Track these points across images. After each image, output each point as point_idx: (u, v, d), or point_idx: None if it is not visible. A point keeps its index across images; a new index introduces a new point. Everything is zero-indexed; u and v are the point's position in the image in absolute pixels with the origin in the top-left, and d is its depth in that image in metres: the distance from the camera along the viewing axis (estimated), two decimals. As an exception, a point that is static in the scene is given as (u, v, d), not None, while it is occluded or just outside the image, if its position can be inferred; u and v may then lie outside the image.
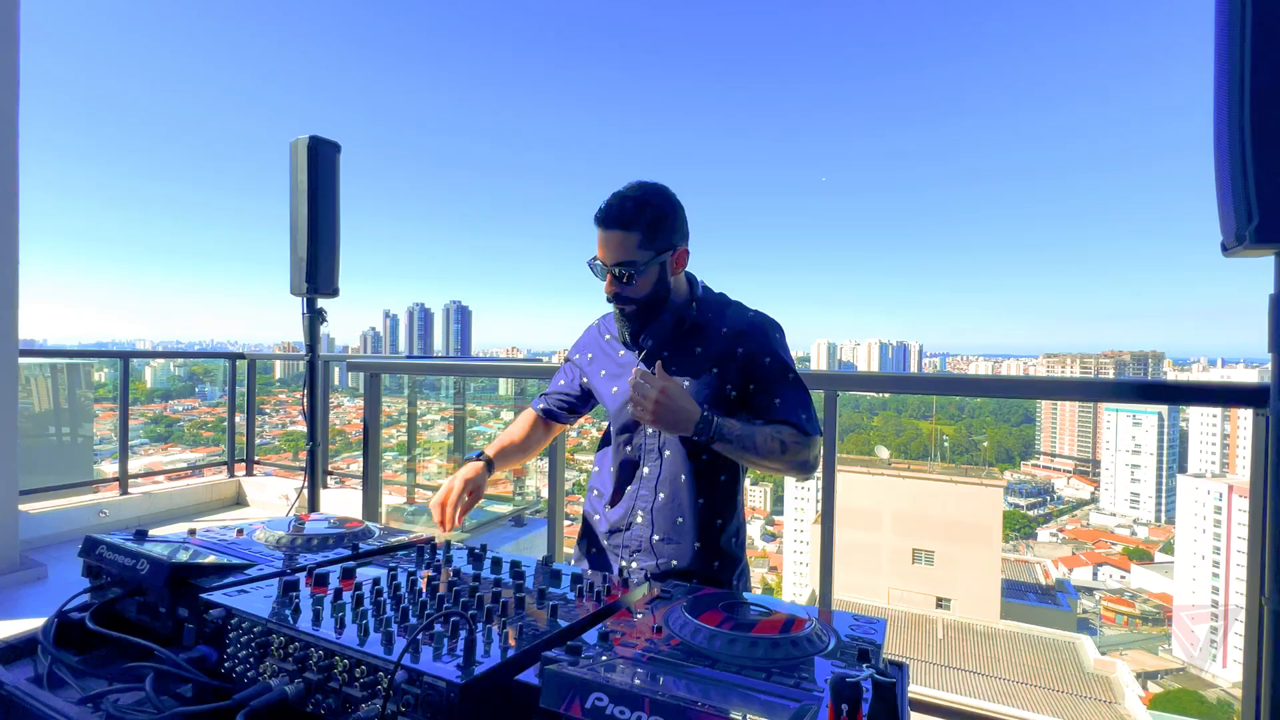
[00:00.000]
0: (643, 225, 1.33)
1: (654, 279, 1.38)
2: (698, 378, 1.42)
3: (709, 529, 1.43)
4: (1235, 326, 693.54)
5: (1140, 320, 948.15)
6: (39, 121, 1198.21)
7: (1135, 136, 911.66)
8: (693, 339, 1.45)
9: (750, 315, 1.47)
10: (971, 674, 10.61)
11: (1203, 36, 1.70)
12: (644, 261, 1.35)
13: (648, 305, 1.40)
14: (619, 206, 1.33)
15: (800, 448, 1.34)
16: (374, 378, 3.50)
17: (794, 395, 1.39)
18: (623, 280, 1.36)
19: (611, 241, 1.34)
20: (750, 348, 1.41)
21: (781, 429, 1.35)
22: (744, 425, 1.31)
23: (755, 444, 1.30)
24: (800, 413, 1.38)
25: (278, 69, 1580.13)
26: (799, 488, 33.48)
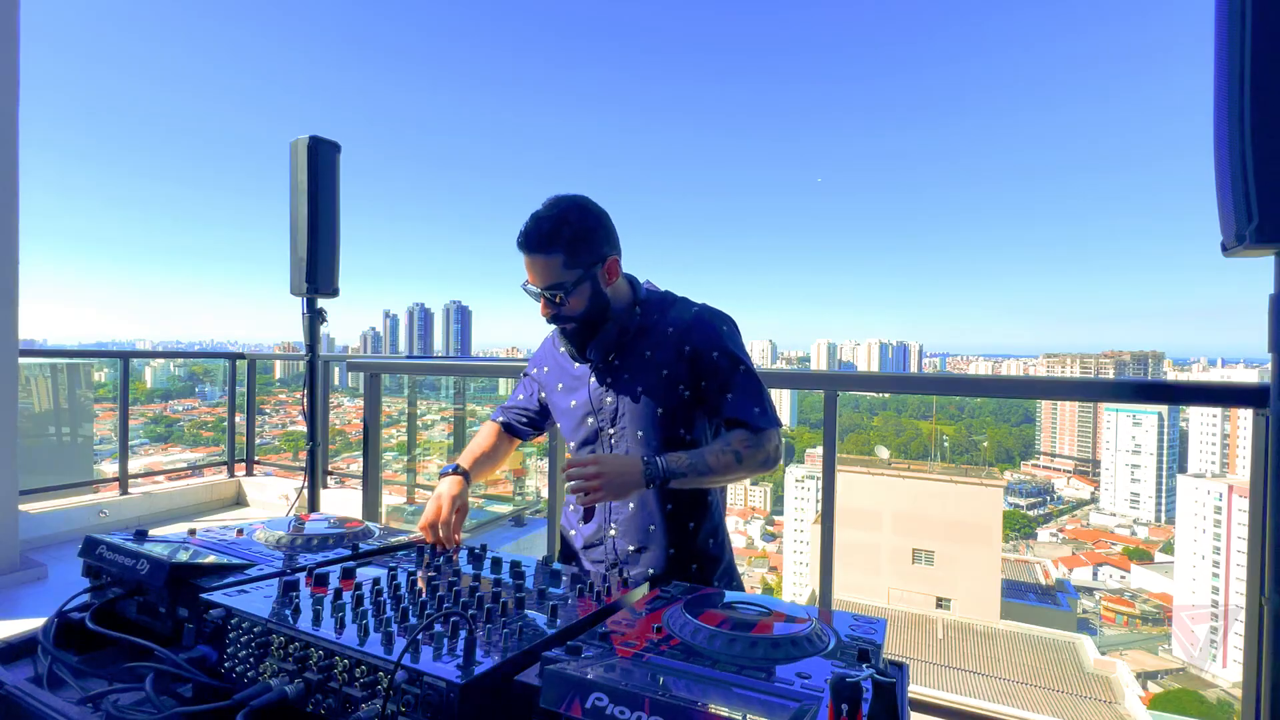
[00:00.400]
0: (564, 245, 1.30)
1: (588, 295, 1.36)
2: (650, 381, 1.40)
3: (682, 533, 1.42)
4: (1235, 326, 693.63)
5: (1140, 320, 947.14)
6: (39, 121, 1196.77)
7: (1135, 136, 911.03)
8: (640, 342, 1.43)
9: (695, 310, 1.44)
10: (971, 674, 10.61)
11: (1203, 36, 1.70)
12: (573, 281, 1.32)
13: (588, 321, 1.38)
14: (536, 230, 1.31)
15: (755, 450, 1.32)
16: (374, 378, 3.50)
17: (746, 389, 1.37)
18: (556, 302, 1.34)
19: (536, 266, 1.32)
20: (697, 344, 1.39)
21: (731, 437, 1.33)
22: (690, 454, 1.29)
23: (708, 466, 1.28)
24: (753, 406, 1.36)
25: (278, 69, 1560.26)
26: (799, 487, 33.48)
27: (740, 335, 1.46)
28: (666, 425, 1.40)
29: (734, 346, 1.40)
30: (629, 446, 1.42)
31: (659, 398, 1.39)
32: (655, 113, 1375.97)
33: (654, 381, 1.40)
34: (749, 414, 1.35)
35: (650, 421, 1.40)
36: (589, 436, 1.48)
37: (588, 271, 1.34)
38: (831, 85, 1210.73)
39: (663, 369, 1.40)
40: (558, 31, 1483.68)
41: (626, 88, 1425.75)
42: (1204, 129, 1.70)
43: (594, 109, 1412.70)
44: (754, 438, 1.34)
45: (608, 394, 1.45)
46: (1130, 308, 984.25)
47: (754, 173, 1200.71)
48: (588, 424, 1.48)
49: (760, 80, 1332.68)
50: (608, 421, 1.45)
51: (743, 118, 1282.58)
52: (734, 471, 1.31)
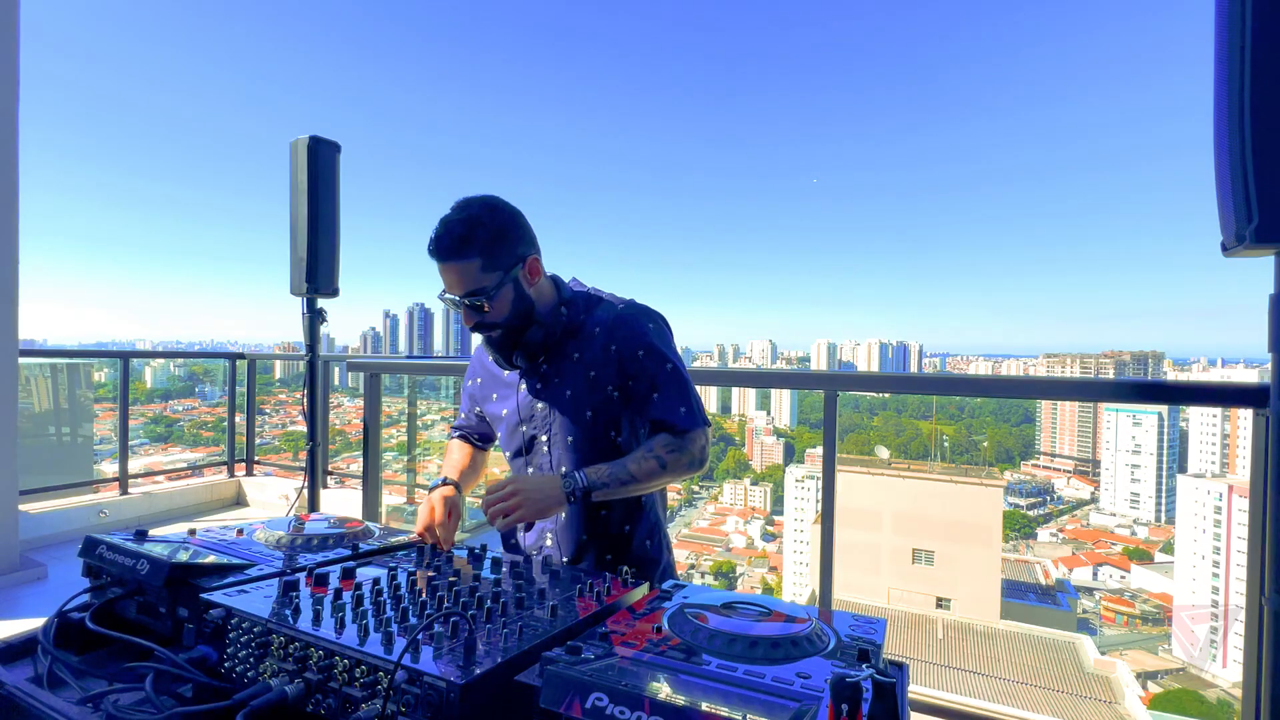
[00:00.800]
0: (479, 248, 1.24)
1: (510, 298, 1.30)
2: (577, 383, 1.36)
3: (617, 538, 1.40)
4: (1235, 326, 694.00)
5: (1140, 320, 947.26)
6: (39, 121, 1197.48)
7: (1135, 136, 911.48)
8: (568, 344, 1.39)
9: (620, 309, 1.40)
10: (971, 674, 10.61)
11: (1203, 36, 1.70)
12: (493, 285, 1.27)
13: (513, 326, 1.33)
14: (448, 235, 1.24)
15: (679, 454, 1.29)
16: (374, 378, 3.50)
17: (672, 388, 1.33)
18: (478, 309, 1.29)
19: (453, 273, 1.26)
20: (622, 342, 1.35)
21: (654, 442, 1.30)
22: (612, 465, 1.27)
23: (631, 475, 1.26)
24: (679, 406, 1.32)
25: (278, 69, 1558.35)
26: (799, 487, 33.47)
27: (669, 332, 1.42)
28: (596, 428, 1.37)
29: (660, 344, 1.36)
30: (560, 453, 1.38)
31: (587, 400, 1.35)
32: (655, 116, 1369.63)
33: (582, 383, 1.36)
34: (674, 414, 1.32)
35: (579, 426, 1.37)
36: (522, 446, 1.44)
37: (508, 273, 1.29)
38: (832, 87, 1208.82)
39: (590, 370, 1.35)
40: (558, 33, 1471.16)
41: (627, 91, 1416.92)
42: (1204, 129, 1.70)
43: (594, 111, 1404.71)
44: (678, 440, 1.31)
45: (538, 400, 1.41)
46: (1130, 308, 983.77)
47: (754, 175, 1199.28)
48: (520, 433, 1.44)
49: (760, 83, 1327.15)
50: (539, 429, 1.41)
51: (742, 122, 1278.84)
52: (658, 478, 1.28)
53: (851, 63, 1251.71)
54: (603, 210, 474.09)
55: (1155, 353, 60.21)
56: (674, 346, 1.39)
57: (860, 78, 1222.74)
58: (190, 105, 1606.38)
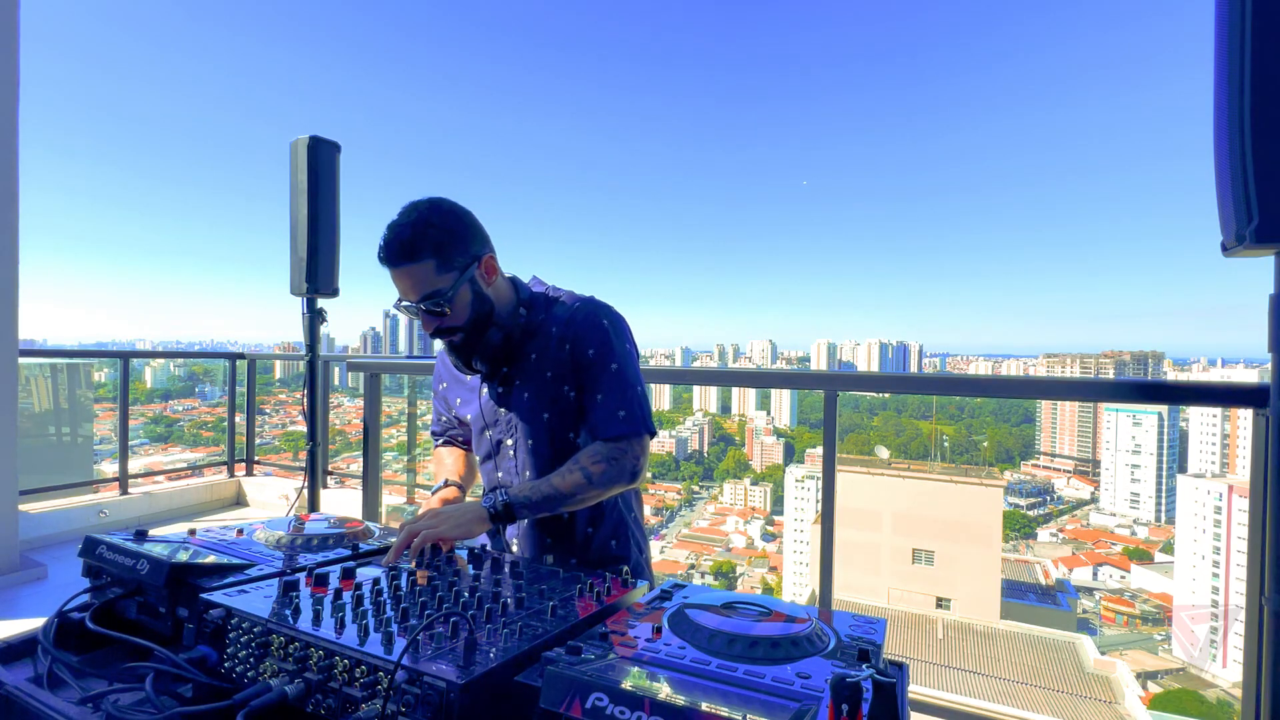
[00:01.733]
0: (431, 249, 1.20)
1: (469, 299, 1.26)
2: (536, 385, 1.33)
3: (583, 541, 1.38)
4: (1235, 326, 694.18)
5: (1140, 320, 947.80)
6: (39, 121, 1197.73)
7: (1135, 137, 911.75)
8: (528, 345, 1.36)
9: (575, 307, 1.35)
10: (971, 674, 10.61)
11: (1203, 37, 1.70)
12: (449, 286, 1.22)
13: (474, 328, 1.29)
14: (397, 239, 1.20)
15: (608, 465, 1.24)
16: (374, 378, 3.50)
17: (614, 391, 1.28)
18: (437, 313, 1.25)
19: (407, 278, 1.22)
20: (575, 340, 1.31)
21: (582, 454, 1.27)
22: (537, 482, 1.25)
23: (556, 490, 1.22)
24: (618, 409, 1.27)
25: (278, 70, 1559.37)
26: (799, 487, 33.46)
27: (625, 330, 1.36)
28: (555, 430, 1.34)
29: (612, 342, 1.31)
30: (524, 458, 1.36)
31: (546, 402, 1.32)
32: (656, 118, 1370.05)
33: (541, 385, 1.33)
34: (611, 419, 1.27)
35: (539, 429, 1.34)
36: (489, 450, 1.42)
37: (464, 273, 1.24)
38: (833, 88, 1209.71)
39: (548, 371, 1.33)
40: (559, 34, 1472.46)
41: (627, 93, 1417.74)
42: (1204, 129, 1.71)
43: (594, 113, 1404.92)
44: (608, 450, 1.26)
45: (500, 404, 1.38)
46: (1130, 308, 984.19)
47: (754, 177, 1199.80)
48: (486, 437, 1.42)
49: (761, 84, 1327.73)
50: (504, 433, 1.39)
51: (743, 122, 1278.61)
52: (585, 492, 1.24)
53: (852, 64, 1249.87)
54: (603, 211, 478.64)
55: (1155, 353, 60.20)
56: (626, 346, 1.34)
57: (861, 78, 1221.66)
58: (190, 105, 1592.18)
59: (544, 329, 1.35)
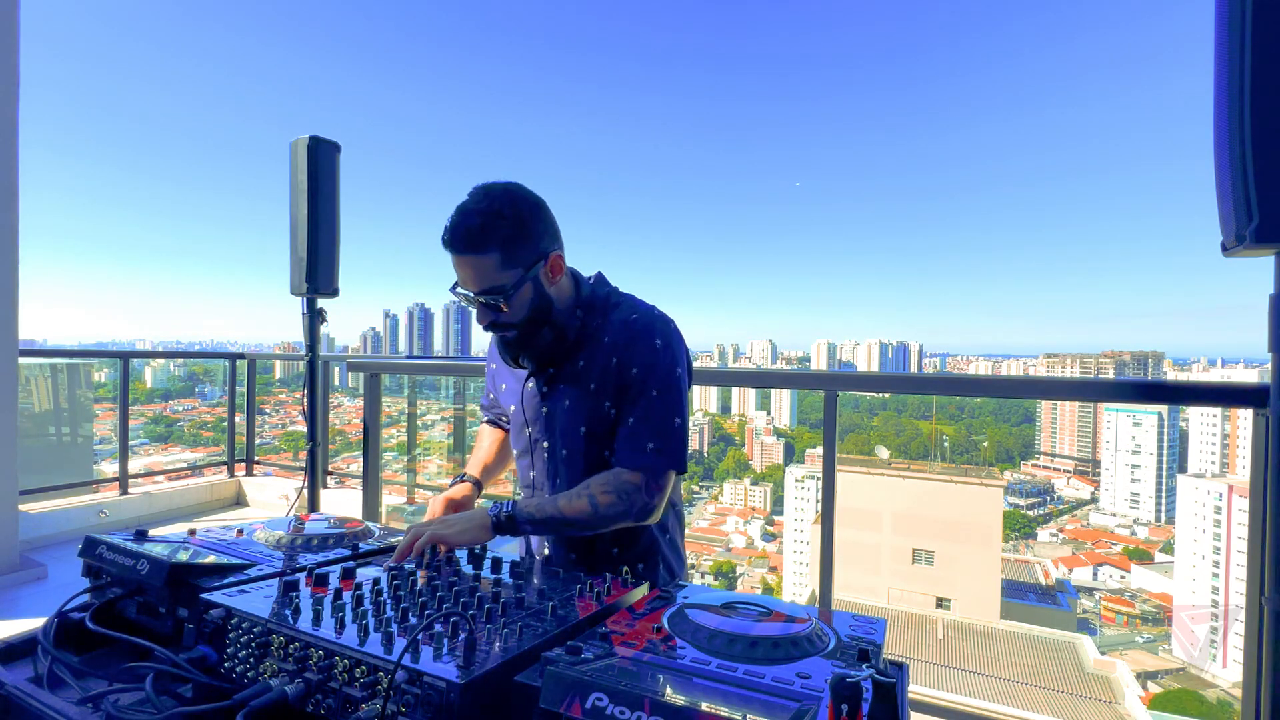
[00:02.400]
0: (498, 242, 1.14)
1: (529, 298, 1.20)
2: (578, 396, 1.26)
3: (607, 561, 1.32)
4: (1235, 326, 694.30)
5: (1140, 320, 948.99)
6: (39, 121, 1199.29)
7: (1135, 137, 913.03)
8: (578, 350, 1.28)
9: (632, 318, 1.26)
10: (971, 674, 10.61)
11: (1203, 37, 1.71)
12: (512, 284, 1.16)
13: (530, 327, 1.23)
14: (465, 225, 1.13)
15: (618, 498, 1.17)
16: (374, 378, 3.50)
17: (648, 419, 1.20)
18: (494, 308, 1.19)
19: (468, 268, 1.16)
20: (624, 357, 1.23)
21: (592, 480, 1.20)
22: (544, 499, 1.20)
23: (562, 515, 1.17)
24: (648, 440, 1.19)
25: (278, 70, 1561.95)
26: (799, 487, 33.46)
27: (678, 353, 1.26)
28: (591, 445, 1.26)
29: (660, 364, 1.22)
30: (556, 465, 1.31)
31: (584, 415, 1.25)
32: (655, 118, 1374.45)
33: (582, 396, 1.26)
34: (639, 449, 1.19)
35: (575, 441, 1.27)
36: (526, 446, 1.39)
37: (528, 271, 1.17)
38: (834, 91, 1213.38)
39: (591, 383, 1.25)
40: (558, 34, 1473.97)
41: (627, 93, 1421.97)
42: (1204, 129, 1.71)
43: (594, 113, 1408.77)
44: (621, 482, 1.18)
45: (543, 404, 1.33)
46: (1130, 308, 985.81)
47: (754, 177, 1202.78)
48: (525, 434, 1.38)
49: (760, 85, 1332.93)
50: (542, 434, 1.33)
51: (742, 124, 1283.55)
52: (591, 520, 1.17)
53: (853, 64, 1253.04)
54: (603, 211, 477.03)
55: (1155, 353, 60.20)
56: (676, 370, 1.24)
57: (862, 79, 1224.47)
58: (191, 105, 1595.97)
59: (597, 335, 1.28)
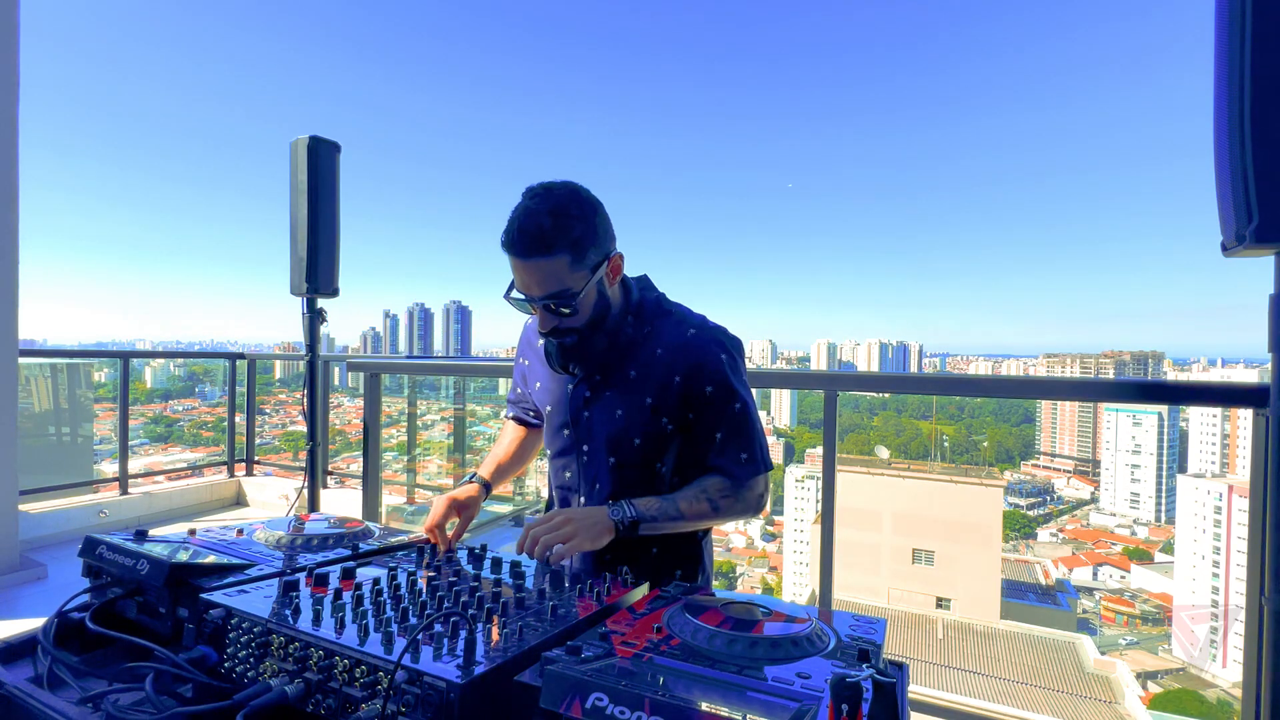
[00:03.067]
0: (568, 244, 1.09)
1: (593, 300, 1.17)
2: (630, 406, 1.24)
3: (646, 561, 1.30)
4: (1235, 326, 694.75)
5: (1140, 320, 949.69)
6: (39, 121, 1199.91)
7: (1135, 136, 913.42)
8: (627, 359, 1.25)
9: (691, 332, 1.24)
10: (971, 674, 10.61)
11: (1203, 37, 1.71)
12: (580, 287, 1.12)
13: (589, 332, 1.20)
14: (535, 227, 1.08)
15: (733, 499, 1.21)
16: (374, 378, 3.50)
17: (737, 430, 1.22)
18: (561, 313, 1.15)
19: (535, 272, 1.11)
20: (689, 373, 1.21)
21: (708, 483, 1.21)
22: (663, 500, 1.19)
23: (680, 512, 1.18)
24: (739, 452, 1.21)
25: (278, 69, 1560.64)
26: (799, 487, 33.47)
27: (742, 362, 1.29)
28: (642, 456, 1.26)
29: (732, 379, 1.22)
30: (598, 471, 1.30)
31: (638, 427, 1.24)
32: (655, 115, 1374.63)
33: (635, 408, 1.24)
34: (734, 462, 1.22)
35: (624, 450, 1.26)
36: (565, 448, 1.36)
37: (594, 273, 1.14)
38: (833, 87, 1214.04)
39: (646, 396, 1.23)
40: (558, 34, 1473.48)
41: (626, 90, 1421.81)
42: (1204, 129, 1.71)
43: (594, 111, 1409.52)
44: (733, 486, 1.22)
45: (585, 409, 1.30)
46: (1130, 308, 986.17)
47: (755, 176, 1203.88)
48: (564, 435, 1.35)
49: (760, 82, 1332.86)
50: (584, 437, 1.31)
51: (742, 121, 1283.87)
52: (709, 520, 1.21)
53: (853, 62, 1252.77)
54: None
55: (1155, 353, 60.21)
56: (745, 378, 1.27)
57: (862, 77, 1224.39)
58: (191, 105, 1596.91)
59: (648, 345, 1.25)
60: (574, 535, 1.09)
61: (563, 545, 1.07)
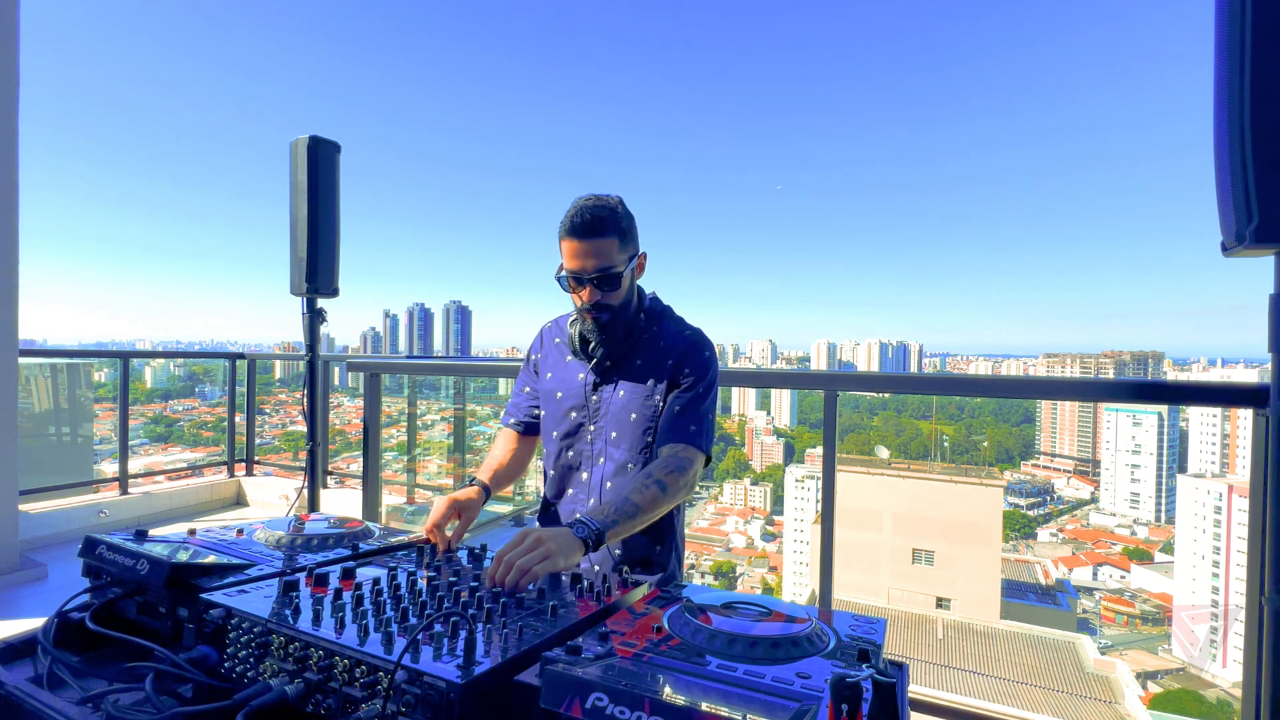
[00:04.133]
0: (618, 230, 1.38)
1: (629, 284, 1.44)
2: (635, 391, 1.47)
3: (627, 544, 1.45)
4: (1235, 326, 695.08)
5: (1140, 320, 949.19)
6: (39, 121, 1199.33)
7: (1136, 136, 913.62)
8: (636, 350, 1.50)
9: (687, 334, 1.51)
10: (971, 674, 10.60)
11: (1203, 36, 1.71)
12: (621, 267, 1.39)
13: (620, 312, 1.44)
14: (595, 213, 1.36)
15: (678, 474, 1.35)
16: (374, 378, 3.50)
17: (691, 409, 1.44)
18: (607, 285, 1.39)
19: (592, 250, 1.37)
20: (678, 361, 1.47)
21: (653, 465, 1.36)
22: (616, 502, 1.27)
23: (636, 506, 1.27)
24: (690, 424, 1.42)
25: (278, 69, 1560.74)
26: (799, 487, 33.46)
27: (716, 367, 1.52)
28: (637, 429, 1.46)
29: (707, 373, 1.47)
30: (603, 447, 1.48)
31: (640, 410, 1.46)
32: (655, 113, 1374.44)
33: (639, 392, 1.46)
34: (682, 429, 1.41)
35: (627, 430, 1.46)
36: (570, 430, 1.52)
37: (631, 261, 1.42)
38: (833, 86, 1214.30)
39: (649, 379, 1.47)
40: (557, 32, 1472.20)
41: (626, 88, 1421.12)
42: (1204, 129, 1.70)
43: (594, 109, 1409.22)
44: (674, 459, 1.37)
45: (595, 394, 1.50)
46: (1130, 308, 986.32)
47: (754, 173, 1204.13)
48: (571, 418, 1.52)
49: (760, 80, 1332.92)
50: (589, 418, 1.50)
51: (742, 118, 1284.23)
52: (662, 502, 1.31)
53: (854, 64, 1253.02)
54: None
55: (1155, 353, 60.21)
56: (714, 377, 1.50)
57: (862, 76, 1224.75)
58: (191, 105, 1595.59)
59: (652, 339, 1.50)
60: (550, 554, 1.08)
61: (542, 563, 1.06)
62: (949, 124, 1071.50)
